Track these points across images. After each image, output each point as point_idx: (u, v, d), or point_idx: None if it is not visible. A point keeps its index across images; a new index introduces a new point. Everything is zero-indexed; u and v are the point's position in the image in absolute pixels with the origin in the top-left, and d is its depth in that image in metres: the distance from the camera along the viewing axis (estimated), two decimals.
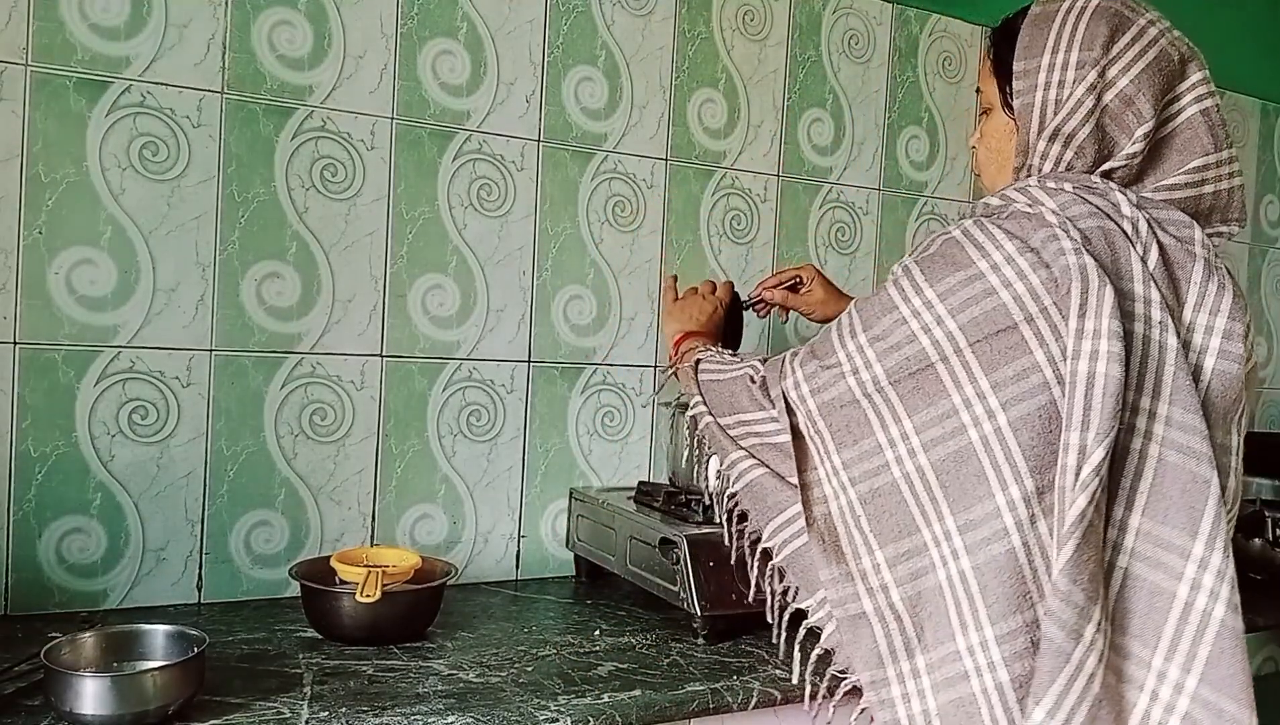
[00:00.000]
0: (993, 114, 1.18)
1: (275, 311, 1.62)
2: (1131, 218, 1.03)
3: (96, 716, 1.09)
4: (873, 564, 1.06)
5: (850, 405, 1.07)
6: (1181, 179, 1.07)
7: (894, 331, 1.05)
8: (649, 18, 1.90)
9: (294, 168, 1.62)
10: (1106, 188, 1.06)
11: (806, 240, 2.09)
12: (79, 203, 1.49)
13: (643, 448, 1.95)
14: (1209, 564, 0.95)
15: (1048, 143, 1.09)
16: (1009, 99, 1.13)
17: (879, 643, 1.06)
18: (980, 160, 1.22)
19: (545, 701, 1.24)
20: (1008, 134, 1.15)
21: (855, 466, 1.07)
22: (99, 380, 1.51)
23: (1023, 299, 0.99)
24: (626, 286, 1.91)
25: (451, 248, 1.75)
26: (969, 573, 1.00)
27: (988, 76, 1.18)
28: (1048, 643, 0.94)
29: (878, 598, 1.06)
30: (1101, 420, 0.94)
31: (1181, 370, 0.98)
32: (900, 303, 1.05)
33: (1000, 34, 1.17)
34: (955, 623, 1.01)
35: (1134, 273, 1.00)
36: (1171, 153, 1.08)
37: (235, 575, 1.61)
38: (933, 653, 1.03)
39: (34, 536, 1.49)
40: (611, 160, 1.88)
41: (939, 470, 1.01)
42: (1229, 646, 0.95)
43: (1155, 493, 0.98)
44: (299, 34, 1.62)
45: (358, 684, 1.28)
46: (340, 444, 1.68)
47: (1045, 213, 1.03)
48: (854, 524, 1.08)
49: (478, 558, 1.81)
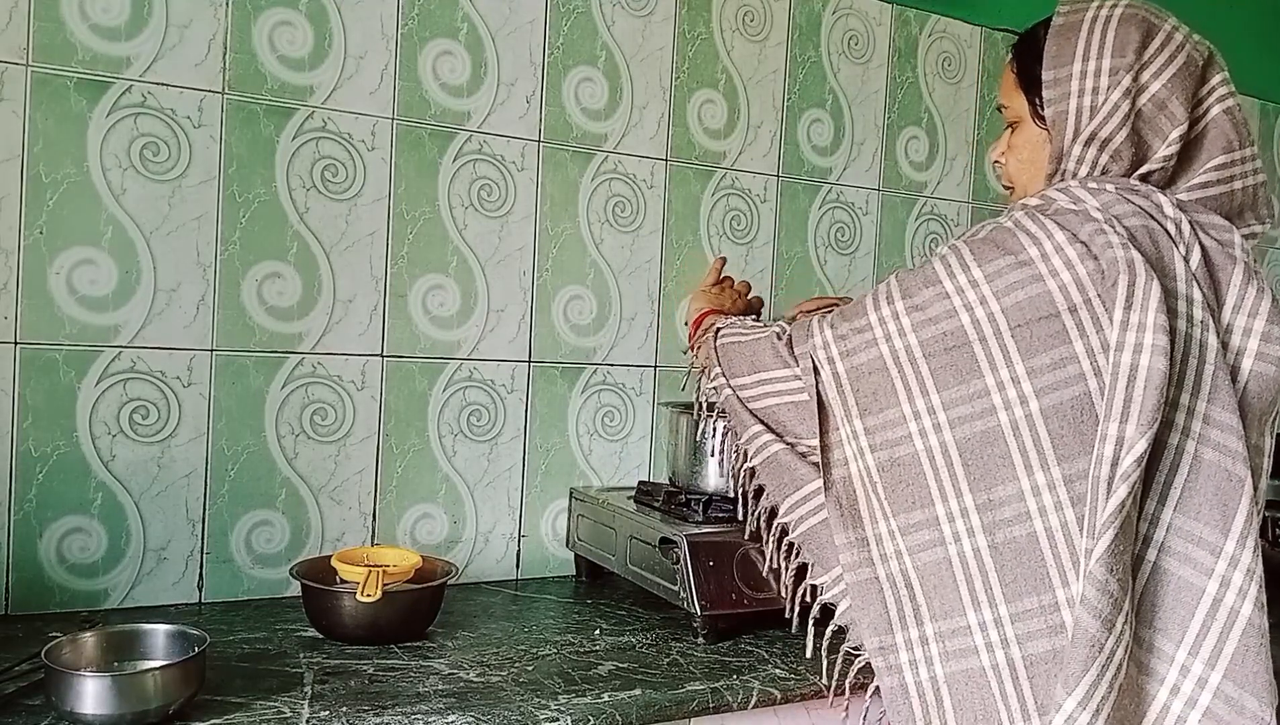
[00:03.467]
0: (1021, 126, 1.18)
1: (276, 311, 1.63)
2: (1175, 219, 1.04)
3: (97, 716, 1.09)
4: (887, 530, 1.07)
5: (879, 372, 1.07)
6: (1212, 176, 1.08)
7: (934, 304, 1.05)
8: (649, 18, 1.90)
9: (295, 168, 1.63)
10: (1148, 190, 1.06)
11: (806, 240, 2.09)
12: (80, 203, 1.49)
13: (643, 447, 1.95)
14: (1240, 562, 0.96)
15: (1084, 147, 1.09)
16: (1039, 109, 1.13)
17: (889, 608, 1.07)
18: (1011, 172, 1.22)
19: (545, 701, 1.24)
20: (1040, 144, 1.15)
21: (877, 433, 1.07)
22: (100, 380, 1.52)
23: (1068, 288, 0.99)
24: (626, 286, 1.91)
25: (452, 248, 1.76)
26: (984, 550, 1.01)
27: (1013, 90, 1.18)
28: (1082, 631, 0.94)
29: (890, 564, 1.07)
30: (1144, 412, 0.94)
31: (1221, 370, 0.99)
32: (945, 278, 1.05)
33: (1023, 46, 1.17)
34: (966, 597, 1.03)
35: (1177, 272, 1.01)
36: (1199, 152, 1.09)
37: (236, 575, 1.62)
38: (941, 623, 1.05)
39: (35, 536, 1.49)
40: (612, 160, 1.89)
41: (963, 448, 1.02)
42: (1255, 644, 0.95)
43: (1189, 488, 0.98)
44: (299, 34, 1.62)
45: (358, 683, 1.28)
46: (341, 444, 1.68)
47: (1090, 210, 1.03)
48: (870, 490, 1.09)
49: (478, 557, 1.81)
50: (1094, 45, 1.08)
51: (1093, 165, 1.09)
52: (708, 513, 1.60)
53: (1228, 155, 1.08)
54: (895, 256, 2.20)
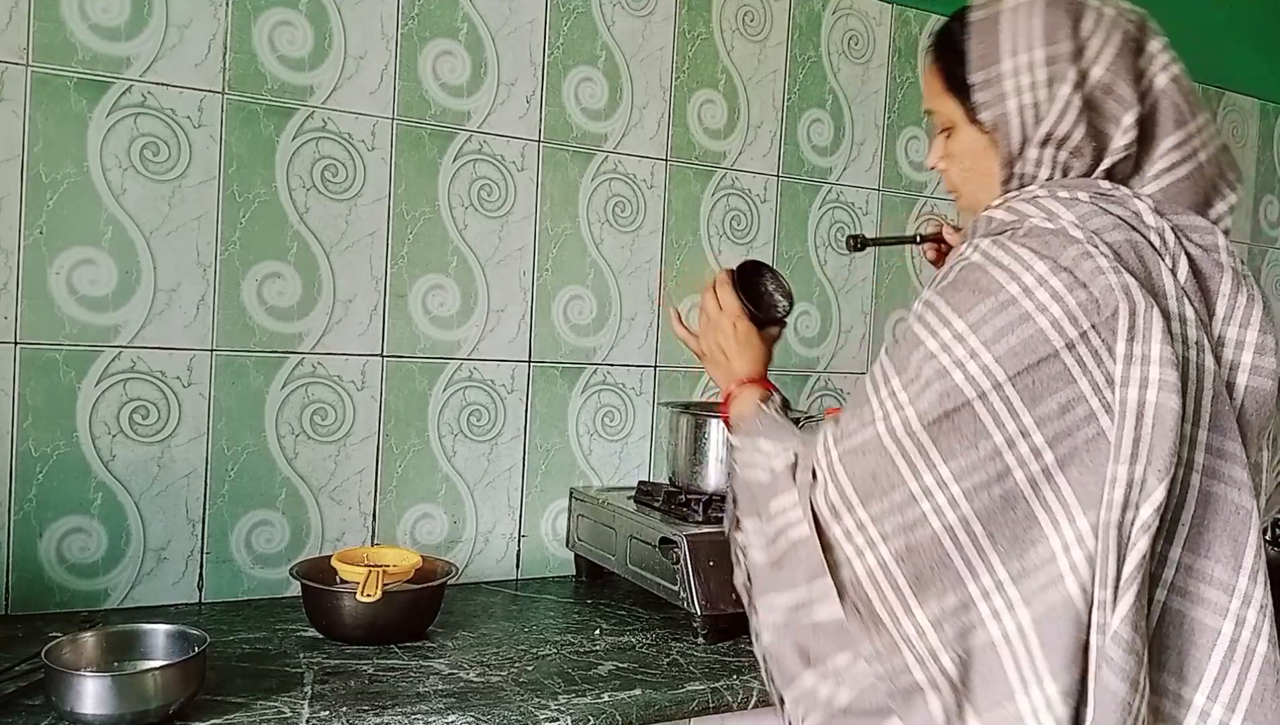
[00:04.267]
0: (957, 131, 1.07)
1: (276, 311, 1.63)
2: (1156, 227, 0.97)
3: (97, 716, 1.09)
4: (916, 628, 0.95)
5: (877, 453, 0.96)
6: (1175, 155, 1.02)
7: (924, 369, 0.94)
8: (649, 18, 1.90)
9: (295, 168, 1.63)
10: (1124, 195, 0.99)
11: (806, 240, 2.09)
12: (80, 203, 1.49)
13: (643, 447, 1.95)
14: (1253, 599, 0.92)
15: (1040, 149, 1.01)
16: (973, 112, 1.04)
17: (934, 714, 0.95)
18: (955, 181, 1.12)
19: (545, 701, 1.24)
20: (983, 149, 1.05)
21: (886, 520, 0.95)
22: (100, 380, 1.52)
23: (1060, 323, 0.91)
24: (626, 286, 1.91)
25: (452, 248, 1.76)
26: (1027, 626, 0.92)
27: (940, 94, 1.08)
28: (1110, 696, 0.89)
29: (929, 666, 0.95)
30: (1158, 455, 0.88)
31: (1221, 394, 0.94)
32: (927, 338, 0.95)
33: (942, 47, 1.08)
34: (1015, 680, 0.92)
35: (1168, 290, 0.95)
36: (1155, 130, 1.01)
37: (236, 575, 1.62)
38: (988, 715, 0.93)
39: (35, 536, 1.49)
40: (612, 160, 1.89)
41: (985, 518, 0.92)
42: (1272, 684, 0.92)
43: (1197, 525, 0.93)
44: (299, 34, 1.62)
45: (358, 683, 1.28)
46: (341, 444, 1.68)
47: (1068, 227, 0.95)
48: (887, 584, 0.96)
49: (478, 557, 1.81)
50: (1021, 37, 0.99)
51: (1052, 165, 1.02)
52: (708, 513, 1.60)
53: (1183, 129, 1.01)
54: (895, 256, 2.20)
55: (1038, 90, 0.99)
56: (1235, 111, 2.71)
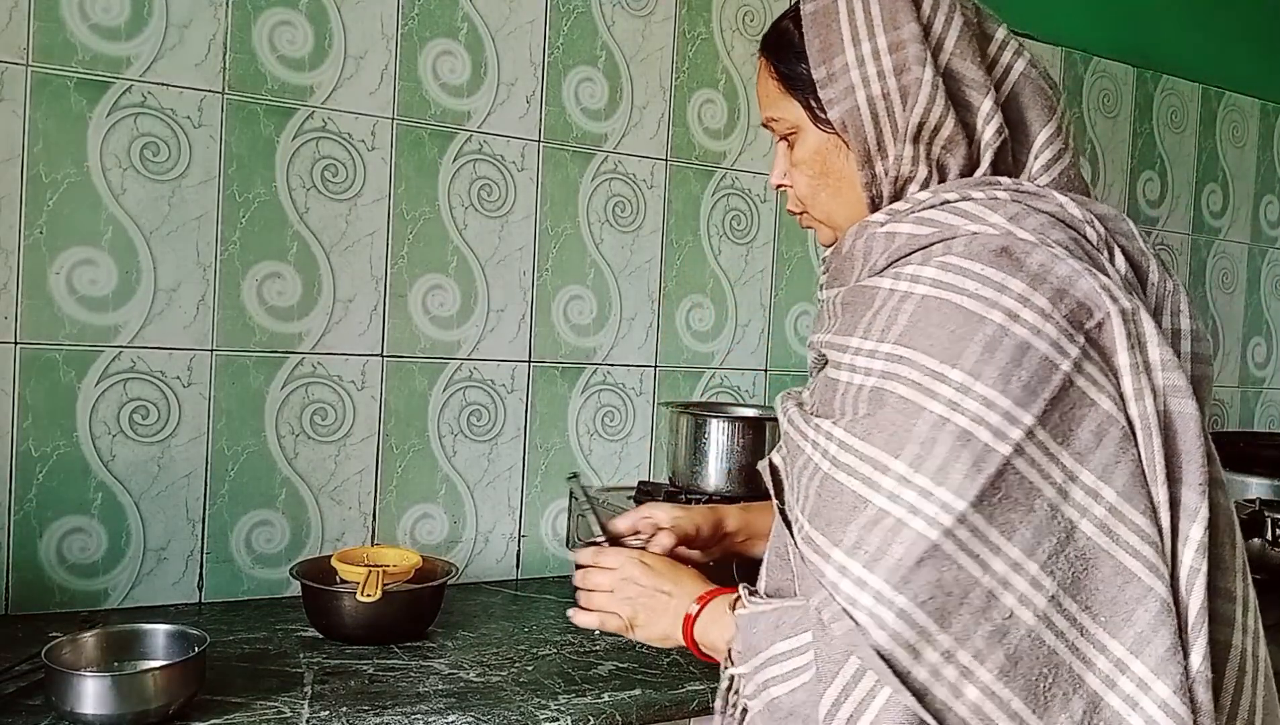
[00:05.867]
0: (802, 136, 0.98)
1: (276, 311, 1.63)
2: (1085, 220, 0.89)
3: (97, 716, 1.09)
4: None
5: (931, 558, 0.79)
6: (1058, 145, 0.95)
7: (938, 437, 0.80)
8: (649, 18, 1.90)
9: (295, 168, 1.63)
10: (1038, 189, 0.91)
11: (806, 240, 2.09)
12: (80, 203, 1.49)
13: (643, 448, 1.95)
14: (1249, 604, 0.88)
15: (914, 145, 0.92)
16: (819, 112, 0.95)
17: None
18: (802, 194, 1.01)
19: (545, 701, 1.24)
20: (833, 151, 0.97)
21: (974, 635, 0.78)
22: (100, 380, 1.52)
23: (1060, 342, 0.81)
24: (626, 286, 1.91)
25: (452, 248, 1.76)
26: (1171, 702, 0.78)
27: (780, 97, 0.99)
28: None
29: None
30: (1193, 467, 0.82)
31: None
32: (925, 400, 0.82)
33: (775, 46, 1.00)
34: None
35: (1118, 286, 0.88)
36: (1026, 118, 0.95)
37: (236, 575, 1.62)
38: None
39: (35, 536, 1.49)
40: (612, 160, 1.89)
41: (1073, 589, 0.79)
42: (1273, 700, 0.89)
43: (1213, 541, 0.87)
44: (299, 34, 1.62)
45: (358, 683, 1.28)
46: (341, 444, 1.68)
47: (1013, 231, 0.86)
48: (1003, 714, 0.78)
49: (478, 557, 1.81)
50: (861, 25, 0.92)
51: (929, 164, 0.93)
52: None
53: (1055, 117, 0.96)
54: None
55: (886, 79, 0.91)
56: (1235, 111, 2.70)
